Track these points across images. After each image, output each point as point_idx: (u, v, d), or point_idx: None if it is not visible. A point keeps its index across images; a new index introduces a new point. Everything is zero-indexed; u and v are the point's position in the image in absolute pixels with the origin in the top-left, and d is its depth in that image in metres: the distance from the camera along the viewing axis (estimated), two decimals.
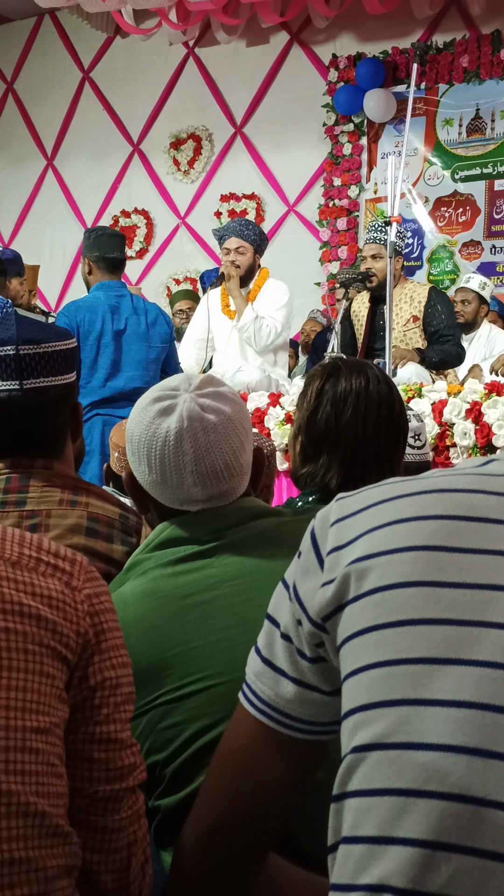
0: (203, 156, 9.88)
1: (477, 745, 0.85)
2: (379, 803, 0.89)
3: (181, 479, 1.63)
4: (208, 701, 1.52)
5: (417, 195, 8.69)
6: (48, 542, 1.30)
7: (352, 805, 0.92)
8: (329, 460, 2.18)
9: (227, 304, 5.86)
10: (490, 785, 0.84)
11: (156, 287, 10.03)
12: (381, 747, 0.90)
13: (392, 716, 0.90)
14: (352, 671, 0.95)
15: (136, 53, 9.94)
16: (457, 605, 0.90)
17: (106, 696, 1.25)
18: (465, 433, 4.66)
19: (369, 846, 0.89)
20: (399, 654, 0.91)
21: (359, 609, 0.96)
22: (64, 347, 1.92)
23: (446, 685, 0.88)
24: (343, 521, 1.03)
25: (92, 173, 10.36)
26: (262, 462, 1.79)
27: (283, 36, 9.31)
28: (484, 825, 0.84)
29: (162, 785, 1.52)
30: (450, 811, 0.85)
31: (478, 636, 0.88)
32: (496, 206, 8.42)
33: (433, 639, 0.90)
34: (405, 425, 2.24)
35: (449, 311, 5.83)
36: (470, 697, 0.86)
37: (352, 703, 0.94)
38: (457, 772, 0.85)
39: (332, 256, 9.07)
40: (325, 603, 0.99)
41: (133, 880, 1.26)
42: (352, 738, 0.93)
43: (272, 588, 1.60)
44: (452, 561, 0.92)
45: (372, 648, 0.93)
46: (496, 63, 8.25)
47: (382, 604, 0.93)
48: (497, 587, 0.90)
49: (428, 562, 0.93)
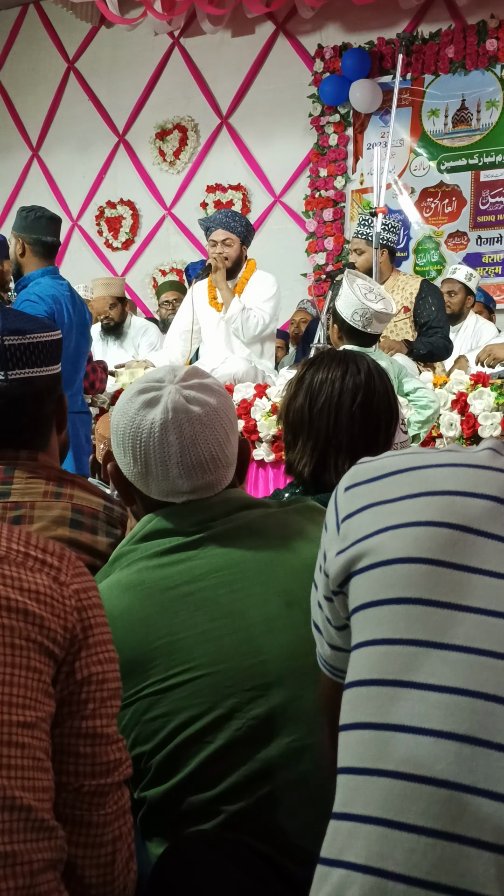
0: (189, 146, 9.85)
1: (466, 733, 0.85)
2: (367, 783, 0.89)
3: (166, 470, 1.63)
4: (194, 692, 1.52)
5: (403, 186, 8.69)
6: (36, 536, 1.30)
7: (342, 781, 0.93)
8: (303, 448, 2.19)
9: (214, 297, 5.85)
10: (478, 773, 0.84)
11: (142, 278, 10.01)
12: (372, 727, 0.91)
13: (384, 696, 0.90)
14: (355, 644, 0.96)
15: (122, 43, 9.91)
16: (456, 589, 0.91)
17: (92, 691, 1.25)
18: (452, 424, 4.66)
19: (356, 824, 0.90)
20: (395, 634, 0.91)
21: (364, 581, 0.96)
22: (49, 339, 1.91)
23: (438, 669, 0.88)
24: (355, 489, 1.04)
25: (77, 164, 10.32)
26: (247, 453, 1.79)
27: (269, 26, 9.28)
28: (469, 813, 0.84)
29: (147, 776, 1.53)
30: (437, 797, 0.85)
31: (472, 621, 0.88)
32: (482, 197, 8.42)
33: (428, 621, 0.90)
34: (388, 416, 2.21)
35: (439, 305, 5.86)
36: (462, 684, 0.87)
37: (351, 676, 0.95)
38: (445, 759, 0.86)
39: (318, 247, 9.05)
40: (338, 571, 1.01)
41: (117, 875, 1.26)
42: (348, 713, 0.94)
43: (258, 579, 1.61)
44: (457, 541, 0.92)
45: (373, 624, 0.94)
46: (482, 54, 8.24)
47: (385, 578, 0.94)
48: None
49: (433, 539, 0.93)
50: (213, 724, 1.50)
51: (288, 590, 1.60)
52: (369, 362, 2.23)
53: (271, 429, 5.09)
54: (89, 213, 10.37)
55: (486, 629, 0.88)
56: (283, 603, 1.59)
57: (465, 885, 0.83)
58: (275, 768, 1.49)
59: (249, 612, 1.58)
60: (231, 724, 1.50)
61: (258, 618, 1.57)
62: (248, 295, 5.76)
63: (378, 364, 2.27)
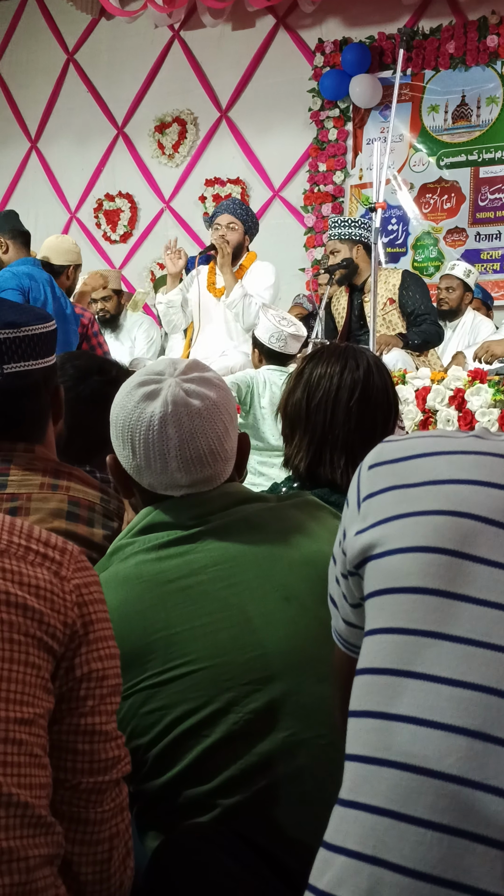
0: (188, 140, 9.83)
1: (478, 728, 0.85)
2: (374, 773, 0.89)
3: (165, 463, 1.62)
4: (191, 685, 1.52)
5: (402, 181, 8.66)
6: (39, 530, 1.29)
7: (350, 768, 0.92)
8: (300, 442, 2.18)
9: (214, 282, 5.84)
10: (488, 770, 0.84)
11: (139, 271, 9.99)
12: (379, 716, 0.90)
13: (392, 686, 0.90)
14: (368, 630, 0.95)
15: (121, 36, 9.87)
16: (475, 582, 0.90)
17: (92, 687, 1.25)
18: (449, 420, 4.66)
19: (362, 813, 0.89)
20: (408, 624, 0.91)
21: (381, 567, 0.96)
22: (44, 330, 1.89)
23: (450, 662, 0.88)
24: (379, 468, 1.04)
25: (76, 156, 10.29)
26: (247, 447, 1.78)
27: (270, 20, 9.26)
28: (477, 809, 0.84)
29: (144, 769, 1.53)
30: (445, 792, 0.85)
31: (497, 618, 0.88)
32: (481, 194, 8.41)
33: (443, 612, 0.90)
34: (386, 412, 2.21)
35: (423, 292, 5.90)
36: (475, 679, 0.86)
37: (362, 662, 0.95)
38: (456, 753, 0.85)
39: (316, 242, 9.04)
40: (355, 553, 1.01)
41: (114, 873, 1.26)
42: (357, 699, 0.94)
43: (255, 573, 1.61)
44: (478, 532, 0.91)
45: (387, 611, 0.93)
46: (482, 50, 8.23)
47: (401, 566, 0.93)
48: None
49: (453, 530, 0.92)
50: (211, 718, 1.50)
51: (286, 584, 1.60)
52: (369, 357, 2.22)
53: None
54: (87, 205, 10.35)
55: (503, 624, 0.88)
56: (282, 597, 1.58)
57: (470, 882, 0.83)
58: (272, 762, 1.49)
59: (247, 606, 1.57)
60: (228, 718, 1.50)
61: (256, 612, 1.57)
62: (248, 282, 5.76)
63: (379, 359, 2.27)
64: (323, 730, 1.49)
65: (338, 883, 0.91)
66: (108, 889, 1.26)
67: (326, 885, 0.93)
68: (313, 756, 1.50)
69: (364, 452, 2.14)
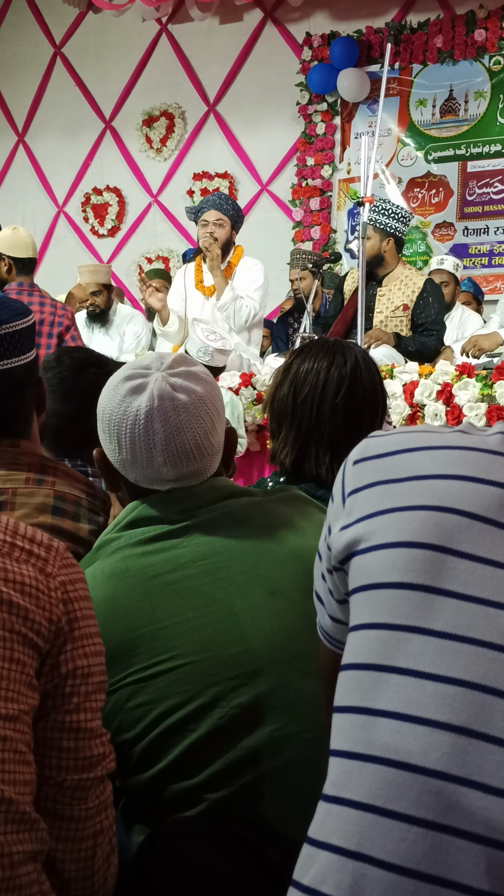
0: (176, 134, 9.81)
1: (463, 724, 0.85)
2: (358, 769, 0.89)
3: (151, 458, 1.62)
4: (177, 680, 1.52)
5: (391, 176, 8.67)
6: (24, 526, 1.29)
7: (334, 763, 0.92)
8: (286, 437, 2.18)
9: (202, 280, 5.83)
10: (471, 766, 0.84)
11: (128, 266, 9.97)
12: (362, 711, 0.90)
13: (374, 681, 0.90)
14: (352, 626, 0.95)
15: (109, 29, 9.85)
16: (458, 577, 0.90)
17: (77, 684, 1.24)
18: (436, 414, 4.66)
19: (346, 809, 0.89)
20: (393, 619, 0.90)
21: (365, 562, 0.95)
22: (23, 326, 1.88)
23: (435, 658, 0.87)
24: (364, 463, 1.03)
25: (64, 150, 10.27)
26: (234, 442, 1.78)
27: (257, 13, 9.25)
28: (461, 805, 0.83)
29: (130, 763, 1.52)
30: (428, 787, 0.85)
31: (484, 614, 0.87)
32: (469, 188, 8.42)
33: (427, 608, 0.89)
34: (373, 408, 2.20)
35: (440, 308, 5.71)
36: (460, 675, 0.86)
37: (346, 658, 0.94)
38: (440, 749, 0.85)
39: (304, 236, 9.04)
40: (340, 548, 1.00)
41: (97, 870, 1.26)
42: (342, 695, 0.93)
43: (242, 568, 1.61)
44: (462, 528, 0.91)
45: (372, 607, 0.93)
46: (470, 44, 8.23)
47: (386, 561, 0.93)
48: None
49: (439, 525, 0.92)
50: (197, 713, 1.50)
51: (272, 579, 1.60)
52: (357, 353, 2.21)
53: (256, 418, 5.08)
54: (75, 199, 10.33)
55: (488, 620, 0.87)
56: (267, 592, 1.58)
57: (454, 877, 0.83)
58: (258, 756, 1.49)
59: (233, 601, 1.57)
60: (214, 713, 1.50)
61: (242, 606, 1.57)
62: (237, 283, 5.74)
63: (367, 354, 2.26)
64: (309, 724, 1.49)
65: (322, 879, 0.91)
66: (92, 886, 1.26)
67: (311, 881, 0.93)
68: (299, 750, 1.50)
69: (350, 448, 2.15)
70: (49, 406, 2.36)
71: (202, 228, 5.74)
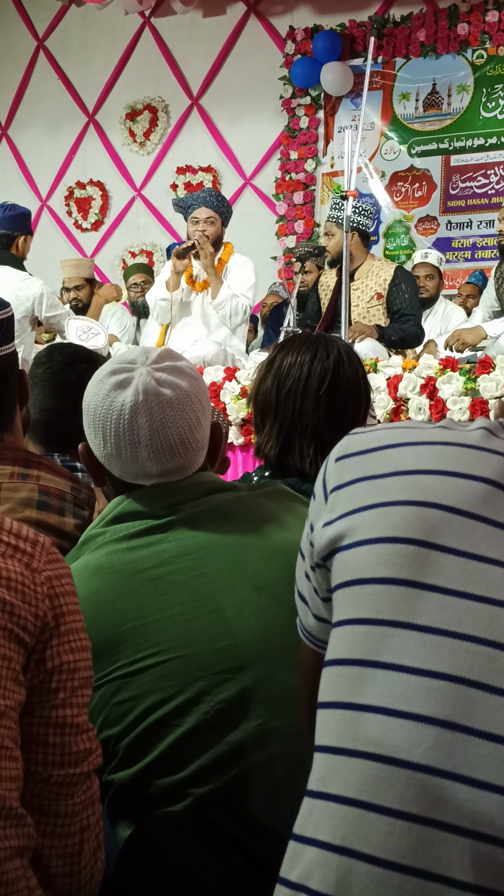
0: (159, 127, 9.80)
1: (447, 718, 0.85)
2: (343, 764, 0.89)
3: (136, 453, 1.62)
4: (162, 675, 1.52)
5: (374, 170, 8.68)
6: (10, 522, 1.29)
7: (319, 759, 0.92)
8: (270, 431, 2.18)
9: (192, 275, 5.82)
10: (456, 759, 0.84)
11: (111, 260, 9.95)
12: (347, 706, 0.90)
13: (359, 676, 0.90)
14: (335, 622, 0.95)
15: (92, 22, 9.82)
16: (441, 572, 0.90)
17: (63, 679, 1.24)
18: (420, 408, 4.68)
19: (332, 804, 0.89)
20: (376, 614, 0.90)
21: (348, 558, 0.95)
22: (2, 317, 1.86)
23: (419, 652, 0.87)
24: (346, 460, 1.03)
25: (47, 144, 10.24)
26: (219, 437, 1.78)
27: (240, 7, 9.24)
28: (446, 798, 0.84)
29: (115, 759, 1.52)
30: (414, 781, 0.85)
31: (464, 608, 0.87)
32: (452, 182, 8.43)
33: (410, 603, 0.89)
34: (356, 401, 2.20)
35: (413, 292, 5.82)
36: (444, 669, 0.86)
37: (330, 654, 0.94)
38: (424, 743, 0.85)
39: (288, 230, 9.04)
40: (323, 545, 1.00)
41: (84, 865, 1.26)
42: (326, 691, 0.93)
43: (227, 563, 1.61)
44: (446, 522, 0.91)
45: (355, 602, 0.93)
46: (453, 38, 8.24)
47: (369, 557, 0.93)
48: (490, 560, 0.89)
49: (421, 520, 0.92)
50: (182, 707, 1.50)
51: (257, 573, 1.60)
52: (340, 346, 2.22)
53: (240, 412, 5.08)
54: (58, 193, 10.30)
55: (472, 614, 0.87)
56: (253, 586, 1.59)
57: (440, 870, 0.83)
58: (243, 751, 1.49)
59: (218, 596, 1.57)
60: (199, 708, 1.50)
61: (227, 601, 1.57)
62: (229, 280, 5.75)
63: (350, 348, 2.26)
64: (294, 719, 1.49)
65: (308, 874, 0.91)
66: (79, 882, 1.25)
67: (297, 877, 0.93)
68: (284, 745, 1.50)
69: (334, 442, 2.15)
70: (39, 401, 2.37)
71: (193, 226, 5.74)
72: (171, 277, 5.78)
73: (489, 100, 8.24)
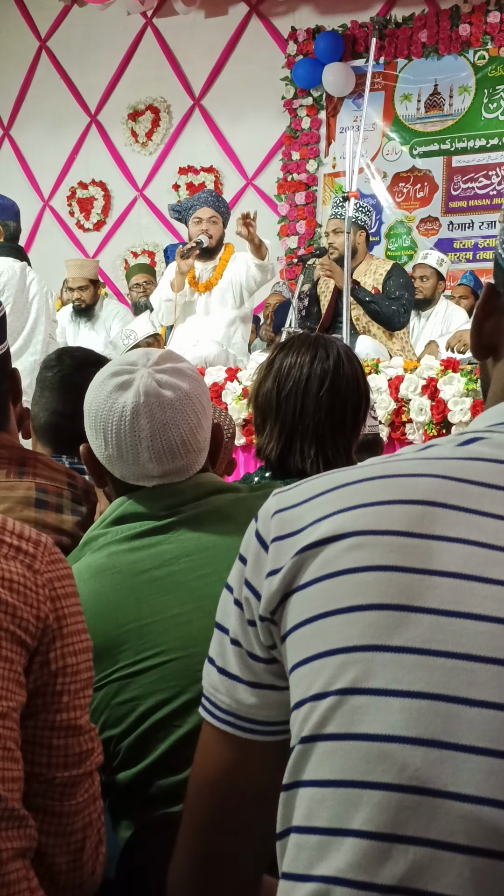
0: (161, 127, 9.80)
1: (431, 737, 0.84)
2: (333, 794, 0.88)
3: (137, 454, 1.62)
4: (163, 676, 1.52)
5: (376, 170, 8.68)
6: (13, 522, 1.29)
7: (305, 795, 0.90)
8: (271, 432, 2.19)
9: (194, 276, 5.83)
10: (445, 776, 0.83)
11: (113, 260, 9.96)
12: (335, 737, 0.89)
13: (344, 704, 0.89)
14: (301, 660, 0.93)
15: (94, 23, 9.82)
16: (407, 592, 0.89)
17: (67, 682, 1.24)
18: (421, 409, 4.68)
19: (324, 837, 0.88)
20: (348, 642, 0.89)
21: (307, 597, 0.93)
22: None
23: (397, 674, 0.87)
24: (285, 512, 1.01)
25: (49, 144, 10.24)
26: (220, 438, 1.78)
27: (243, 7, 9.24)
28: (440, 816, 0.83)
29: (117, 760, 1.53)
30: (406, 803, 0.84)
31: (449, 625, 0.87)
32: (454, 183, 8.43)
33: (380, 624, 0.89)
34: (356, 402, 2.21)
35: (405, 284, 5.88)
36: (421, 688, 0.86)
37: (302, 692, 0.92)
38: (413, 765, 0.84)
39: (290, 231, 9.04)
40: (272, 594, 0.97)
41: (87, 861, 1.26)
42: (303, 727, 0.91)
43: (228, 564, 1.60)
44: (412, 546, 0.90)
45: (322, 636, 0.91)
46: (454, 39, 8.24)
47: (332, 590, 0.91)
48: (448, 574, 0.89)
49: (387, 546, 0.91)
50: (183, 708, 1.51)
51: None
52: (339, 348, 2.23)
53: (242, 412, 5.09)
54: (61, 193, 10.31)
55: (442, 631, 0.86)
56: None
57: (440, 889, 0.82)
58: None
59: (219, 597, 1.57)
60: None
61: None
62: (233, 271, 5.79)
63: (350, 349, 2.27)
64: None
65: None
66: (81, 877, 1.26)
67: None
68: None
69: (334, 442, 2.18)
70: (48, 404, 2.39)
71: (196, 226, 5.76)
72: (176, 278, 5.79)
73: (491, 101, 8.24)
